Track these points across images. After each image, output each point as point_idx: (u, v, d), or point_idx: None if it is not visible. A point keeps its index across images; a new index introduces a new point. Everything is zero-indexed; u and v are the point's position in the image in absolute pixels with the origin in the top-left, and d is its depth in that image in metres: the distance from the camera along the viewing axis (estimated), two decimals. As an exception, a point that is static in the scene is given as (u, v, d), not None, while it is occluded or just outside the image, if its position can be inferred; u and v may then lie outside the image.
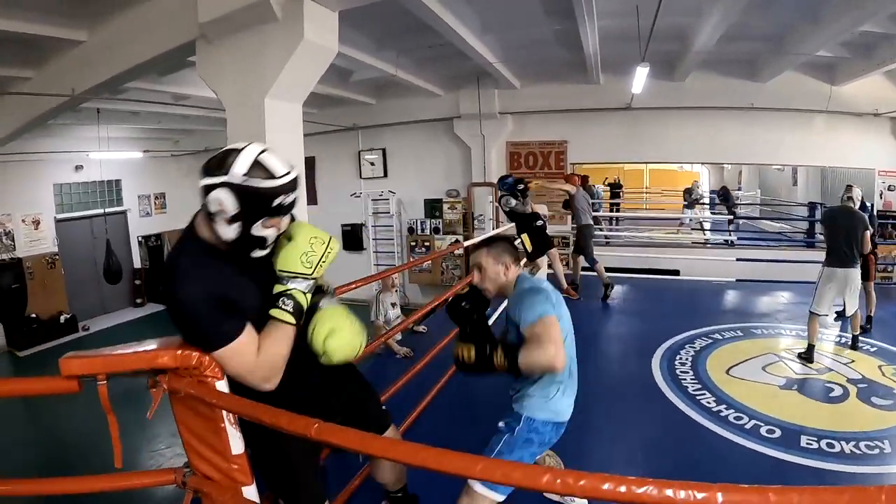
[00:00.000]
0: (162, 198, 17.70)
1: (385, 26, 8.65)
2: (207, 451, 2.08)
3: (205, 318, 1.93)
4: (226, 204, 1.90)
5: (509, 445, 2.83)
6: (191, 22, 5.46)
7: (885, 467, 4.29)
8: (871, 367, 6.23)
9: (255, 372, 2.00)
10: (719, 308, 9.38)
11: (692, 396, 5.51)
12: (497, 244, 3.08)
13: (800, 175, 19.94)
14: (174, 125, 14.42)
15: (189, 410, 2.06)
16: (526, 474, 1.31)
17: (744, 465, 4.34)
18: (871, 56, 9.48)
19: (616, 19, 8.09)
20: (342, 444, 1.59)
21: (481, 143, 13.51)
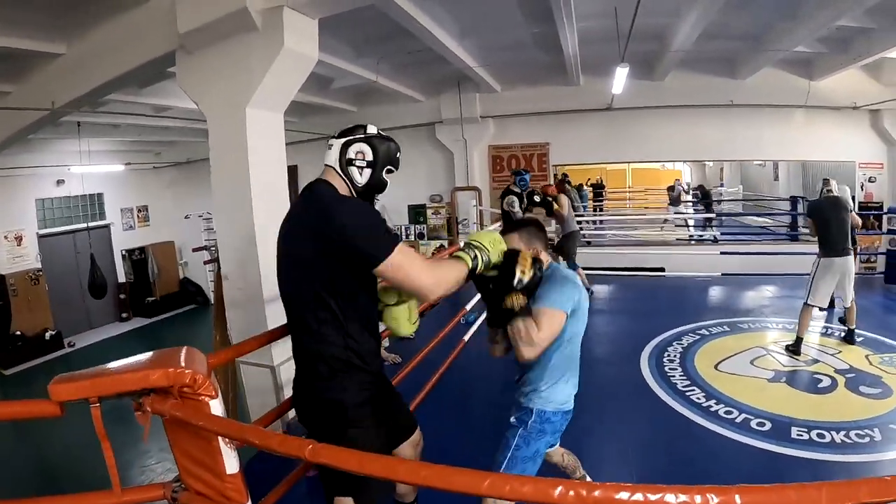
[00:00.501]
0: (145, 210, 17.61)
1: (364, 33, 8.62)
2: (201, 471, 2.03)
3: (381, 227, 2.37)
4: (364, 152, 2.51)
5: (525, 439, 2.86)
6: (170, 32, 5.43)
7: (876, 455, 4.33)
8: (859, 357, 6.28)
9: (426, 272, 2.35)
10: (706, 304, 9.44)
11: (682, 393, 5.55)
12: (528, 228, 3.02)
13: (781, 170, 20.08)
14: (155, 137, 14.28)
15: (182, 430, 2.01)
16: (537, 489, 1.28)
17: (736, 460, 4.37)
18: (848, 50, 9.54)
19: (595, 21, 8.11)
20: (338, 464, 1.55)
21: (463, 147, 13.53)
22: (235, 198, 5.28)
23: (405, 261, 2.30)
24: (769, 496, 1.16)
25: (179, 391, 1.89)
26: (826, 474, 4.08)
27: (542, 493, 1.27)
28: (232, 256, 5.52)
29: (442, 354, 6.05)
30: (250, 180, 5.18)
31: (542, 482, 1.28)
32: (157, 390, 1.90)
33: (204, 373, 1.94)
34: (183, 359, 1.94)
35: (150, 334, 15.80)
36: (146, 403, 1.90)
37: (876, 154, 12.07)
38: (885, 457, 4.32)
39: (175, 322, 17.10)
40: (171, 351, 2.00)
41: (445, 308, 7.90)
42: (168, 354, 1.97)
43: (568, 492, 1.23)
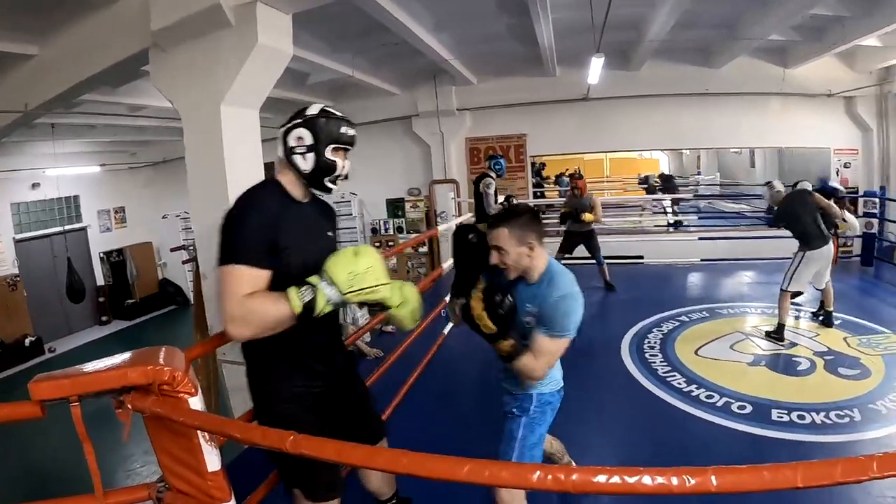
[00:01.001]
0: (122, 212, 17.44)
1: (339, 27, 8.59)
2: (183, 470, 2.02)
3: (243, 235, 2.21)
4: (303, 136, 2.39)
5: (529, 427, 2.82)
6: (143, 30, 5.36)
7: (856, 435, 4.38)
8: (837, 339, 6.36)
9: (236, 308, 2.16)
10: (685, 290, 9.52)
11: (663, 378, 5.59)
12: (518, 220, 2.70)
13: (757, 157, 20.30)
14: (131, 137, 14.16)
15: (163, 429, 2.00)
16: (516, 473, 1.28)
17: (718, 443, 4.41)
18: (822, 38, 9.64)
19: (570, 11, 8.13)
20: (318, 455, 1.53)
21: (440, 140, 13.53)
22: (212, 196, 5.21)
23: (225, 282, 2.19)
24: (744, 477, 1.17)
25: (159, 388, 1.87)
26: (807, 455, 4.12)
27: (521, 477, 1.27)
28: (210, 255, 5.44)
29: (423, 347, 6.06)
30: (227, 178, 5.14)
31: (520, 467, 1.29)
32: (137, 388, 1.88)
33: (182, 370, 1.92)
34: (162, 357, 1.93)
35: (131, 337, 15.66)
36: (126, 401, 1.88)
37: (850, 140, 12.25)
38: (864, 436, 4.36)
39: (155, 324, 16.96)
40: (151, 350, 1.99)
41: (425, 301, 7.90)
42: (147, 353, 1.96)
43: (546, 476, 1.23)
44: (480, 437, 3.10)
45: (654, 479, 1.18)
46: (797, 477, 1.15)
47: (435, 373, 5.88)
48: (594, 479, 1.21)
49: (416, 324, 2.65)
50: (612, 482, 1.20)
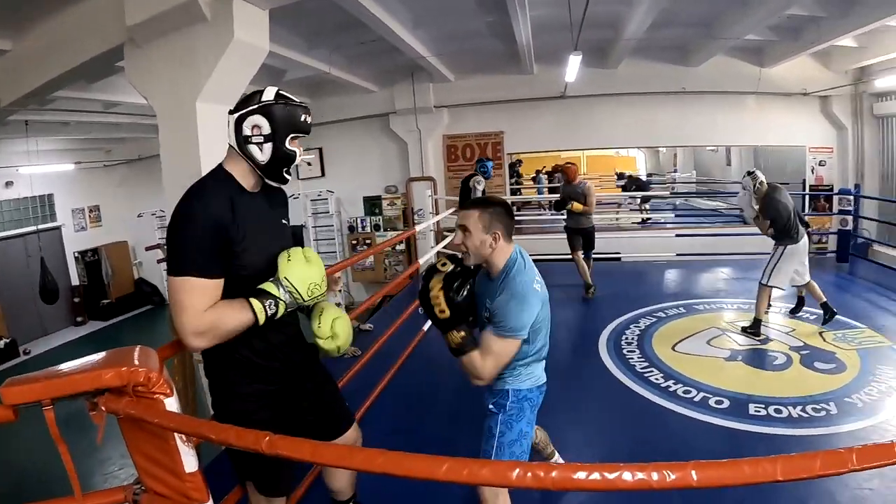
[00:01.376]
0: (96, 210, 17.17)
1: (316, 24, 8.54)
2: (160, 472, 1.98)
3: (195, 242, 2.09)
4: (260, 125, 2.19)
5: (506, 423, 2.79)
6: (118, 25, 5.28)
7: (833, 428, 4.45)
8: (812, 334, 6.45)
9: (195, 323, 2.08)
10: (662, 287, 9.59)
11: (640, 374, 5.63)
12: (493, 209, 2.74)
13: (733, 155, 20.51)
14: (105, 134, 14.02)
15: (138, 430, 1.95)
16: (495, 471, 1.27)
17: (696, 437, 4.46)
18: (799, 38, 9.73)
19: (548, 9, 8.14)
20: (294, 455, 1.51)
21: (417, 137, 13.50)
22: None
23: (180, 296, 2.08)
24: (724, 471, 1.18)
25: (134, 390, 1.83)
26: (784, 448, 4.12)
27: (500, 475, 1.26)
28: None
29: (402, 344, 6.05)
30: (202, 175, 5.05)
31: (500, 465, 1.28)
32: (111, 390, 1.84)
33: (157, 370, 1.88)
34: (136, 357, 1.89)
35: (107, 337, 15.48)
36: (100, 403, 1.84)
37: (826, 139, 12.38)
38: (841, 429, 4.43)
39: (132, 324, 16.77)
40: (125, 350, 1.94)
41: (402, 299, 7.89)
42: (121, 353, 1.91)
43: (526, 473, 1.22)
44: (462, 434, 3.09)
45: (634, 475, 1.17)
46: (777, 470, 1.15)
47: (414, 369, 5.88)
48: (574, 476, 1.20)
49: (340, 354, 2.57)
50: (592, 478, 1.19)
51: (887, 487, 3.54)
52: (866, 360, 5.66)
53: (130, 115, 11.08)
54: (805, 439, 4.28)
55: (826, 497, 3.48)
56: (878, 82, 10.92)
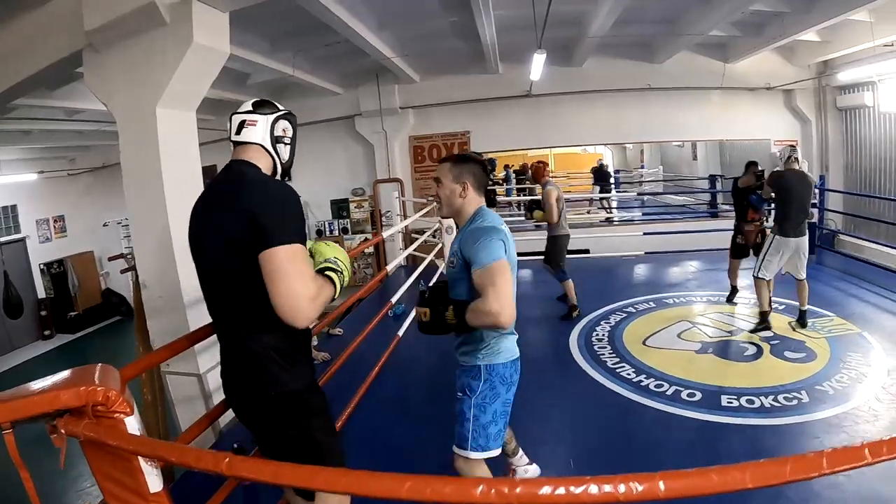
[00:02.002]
0: (61, 220, 16.86)
1: (280, 26, 8.49)
2: (125, 493, 1.93)
3: (298, 218, 2.24)
4: (288, 129, 2.47)
5: (480, 407, 2.79)
6: (77, 31, 5.16)
7: (805, 416, 4.49)
8: (782, 324, 6.51)
9: (312, 283, 2.14)
10: (631, 282, 9.62)
11: (612, 370, 5.65)
12: (465, 163, 2.89)
13: (699, 150, 20.74)
14: (69, 142, 13.81)
15: (100, 452, 1.90)
16: (458, 489, 1.23)
17: (670, 430, 4.46)
18: (762, 33, 9.91)
19: (512, 9, 8.15)
20: (254, 477, 1.48)
21: (384, 139, 13.45)
22: (149, 202, 5.08)
23: (295, 260, 2.10)
24: (693, 481, 1.16)
25: (93, 410, 1.79)
26: (758, 438, 4.21)
27: (463, 493, 1.23)
28: (149, 263, 5.32)
29: (374, 349, 6.00)
30: (164, 183, 4.98)
31: (463, 482, 1.24)
32: (71, 411, 1.79)
33: (117, 389, 1.84)
34: (96, 376, 1.85)
35: (75, 351, 15.22)
36: (60, 425, 1.79)
37: (790, 131, 12.62)
38: (813, 417, 4.48)
39: (100, 335, 16.52)
40: (85, 369, 1.91)
41: (371, 302, 7.84)
42: (81, 373, 1.88)
43: (490, 490, 1.19)
44: (438, 442, 3.06)
45: (600, 488, 1.15)
46: (746, 478, 1.14)
47: (390, 376, 5.83)
48: (539, 492, 1.17)
49: None
50: (558, 493, 1.17)
51: (861, 474, 3.55)
52: (836, 348, 5.75)
53: (94, 123, 10.92)
54: (778, 428, 4.32)
55: (801, 485, 3.49)
56: (841, 75, 11.13)
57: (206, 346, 4.17)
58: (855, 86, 11.26)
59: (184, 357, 4.76)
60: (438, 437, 4.20)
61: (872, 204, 11.13)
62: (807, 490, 3.47)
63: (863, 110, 11.32)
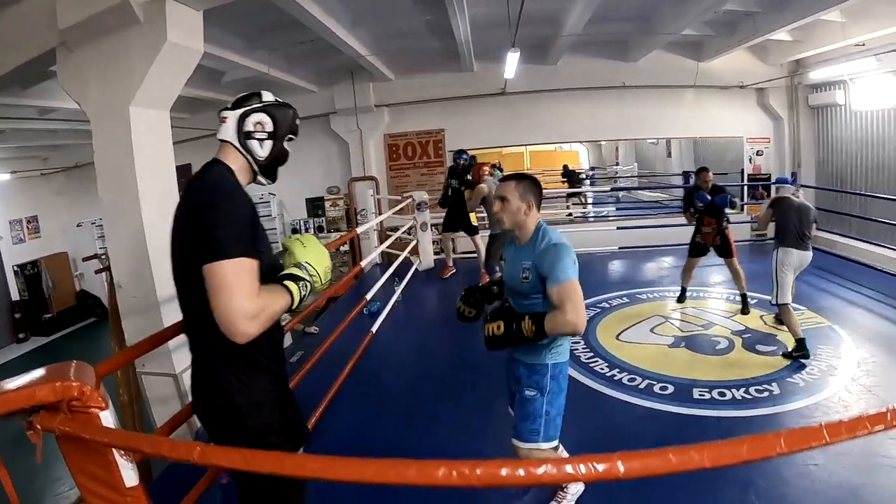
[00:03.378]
0: (35, 221, 16.67)
1: (254, 24, 8.44)
2: (100, 488, 1.95)
3: (236, 224, 2.06)
4: (265, 122, 2.34)
5: (550, 403, 3.10)
6: (50, 29, 5.12)
7: (776, 408, 4.60)
8: (753, 318, 6.68)
9: (250, 301, 2.00)
10: (605, 278, 9.68)
11: (585, 365, 5.72)
12: (526, 181, 3.11)
13: (674, 147, 20.91)
14: (42, 141, 13.65)
15: (76, 448, 1.92)
16: (420, 471, 1.26)
17: (643, 423, 4.56)
18: (735, 33, 10.01)
19: (486, 7, 8.16)
20: (225, 464, 1.50)
21: (359, 137, 13.40)
22: (123, 202, 5.06)
23: (232, 277, 1.98)
24: (650, 461, 1.19)
25: (68, 405, 1.81)
26: (729, 429, 4.32)
27: (426, 475, 1.25)
28: (124, 263, 5.29)
29: (349, 346, 6.00)
30: (137, 183, 4.96)
31: (426, 465, 1.26)
32: (47, 407, 1.81)
33: (92, 385, 1.86)
34: (72, 373, 1.86)
35: (50, 353, 14.92)
36: (36, 421, 1.80)
37: (763, 129, 12.78)
38: (784, 408, 4.59)
39: (76, 337, 16.34)
40: (61, 366, 1.92)
41: (348, 300, 7.84)
42: (56, 369, 1.89)
43: (451, 472, 1.22)
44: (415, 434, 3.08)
45: (559, 469, 1.18)
46: (704, 458, 1.16)
47: (365, 371, 5.84)
48: (501, 472, 1.20)
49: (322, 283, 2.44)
50: (518, 474, 1.19)
51: (832, 462, 3.65)
52: (807, 341, 5.78)
53: (67, 122, 10.79)
54: (750, 420, 4.42)
55: (773, 474, 3.58)
56: (813, 74, 11.28)
57: (180, 345, 4.14)
58: (827, 84, 11.38)
59: (159, 357, 4.77)
60: (414, 433, 4.23)
61: (844, 200, 11.26)
62: (776, 478, 3.55)
63: (834, 108, 11.44)
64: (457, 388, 5.30)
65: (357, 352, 6.02)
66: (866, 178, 10.79)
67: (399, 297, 8.18)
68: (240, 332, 1.98)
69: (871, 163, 10.62)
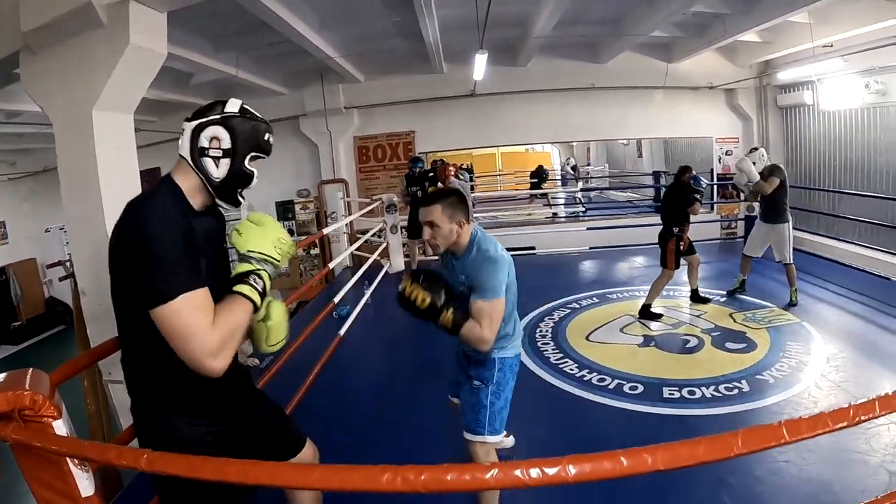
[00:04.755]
0: (2, 227, 16.49)
1: (222, 26, 8.38)
2: (57, 498, 1.94)
3: (171, 259, 1.82)
4: (221, 138, 2.01)
5: (496, 393, 3.11)
6: (13, 32, 5.05)
7: (745, 405, 4.63)
8: (723, 316, 6.73)
9: (207, 338, 1.82)
10: (575, 278, 9.74)
11: (555, 365, 5.72)
12: (450, 200, 2.95)
13: (644, 147, 21.12)
14: (9, 145, 13.55)
15: (31, 457, 1.91)
16: (366, 476, 1.25)
17: (612, 424, 4.56)
18: (704, 34, 10.14)
19: (455, 8, 8.17)
20: (171, 471, 1.49)
21: (328, 139, 13.36)
22: (86, 207, 4.97)
23: (182, 321, 1.81)
24: (601, 464, 1.18)
25: (20, 415, 1.80)
26: (698, 427, 4.33)
27: (371, 480, 1.25)
28: (88, 270, 5.20)
29: (316, 351, 5.96)
30: (100, 187, 4.90)
31: (371, 470, 1.25)
32: (0, 416, 1.80)
33: (45, 393, 1.84)
34: (26, 381, 1.85)
35: (19, 362, 14.63)
36: (-11, 431, 1.80)
37: (732, 129, 12.96)
38: (754, 406, 4.62)
39: (45, 346, 16.06)
40: (16, 374, 1.91)
41: (318, 304, 7.79)
42: (12, 378, 1.88)
43: (396, 478, 1.22)
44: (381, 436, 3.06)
45: (507, 474, 1.17)
46: (657, 460, 1.15)
47: (333, 374, 5.82)
48: (447, 477, 1.20)
49: (274, 348, 2.32)
50: (464, 479, 1.19)
51: (802, 458, 3.68)
52: (776, 338, 5.93)
53: (34, 125, 10.68)
54: (719, 417, 4.43)
55: (743, 472, 3.60)
56: (781, 75, 11.44)
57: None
58: (795, 85, 11.54)
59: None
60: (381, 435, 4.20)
61: (812, 198, 11.42)
62: (748, 476, 3.56)
63: (803, 108, 11.60)
64: (422, 389, 5.27)
65: (325, 355, 5.99)
66: (834, 177, 10.95)
67: (368, 299, 8.17)
68: (212, 371, 1.86)
69: (838, 161, 10.78)
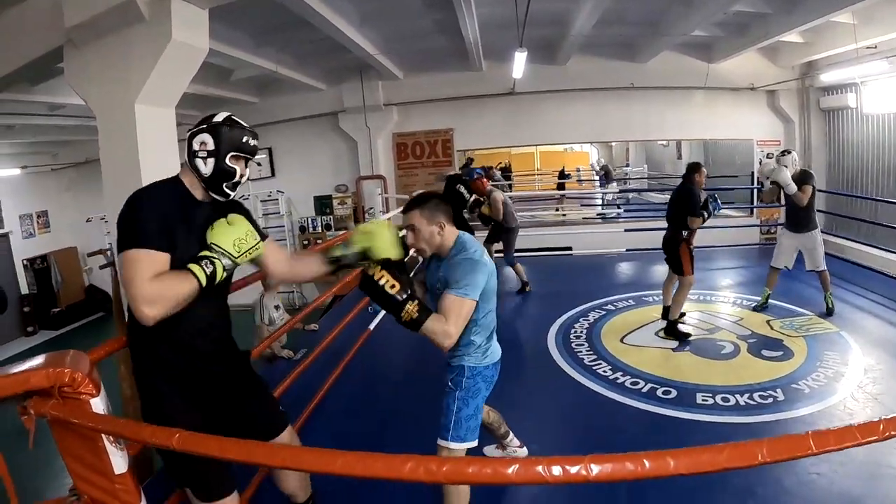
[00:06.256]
0: (45, 216, 16.77)
1: (263, 22, 8.48)
2: (91, 474, 2.03)
3: (141, 221, 2.25)
4: (206, 142, 2.41)
5: (463, 400, 2.98)
6: (58, 27, 5.19)
7: (780, 414, 4.52)
8: (760, 323, 6.58)
9: (145, 289, 2.16)
10: (611, 280, 9.65)
11: (589, 367, 5.66)
12: (430, 203, 2.97)
13: (684, 149, 20.80)
14: (52, 137, 13.74)
15: (67, 433, 1.99)
16: (388, 465, 1.27)
17: (643, 428, 4.51)
18: (745, 34, 9.99)
19: (494, 7, 8.17)
20: (201, 451, 1.55)
21: (367, 135, 13.43)
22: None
23: (129, 267, 2.20)
24: (623, 465, 1.18)
25: (60, 391, 1.88)
26: (730, 436, 4.18)
27: (393, 469, 1.27)
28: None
29: (349, 343, 6.01)
30: (142, 179, 4.95)
31: (395, 459, 1.28)
32: (40, 393, 1.88)
33: (84, 371, 1.93)
34: (67, 360, 1.95)
35: (58, 347, 14.31)
36: (29, 406, 1.89)
37: (773, 132, 12.71)
38: (788, 415, 4.50)
39: (83, 332, 16.30)
40: (57, 354, 2.00)
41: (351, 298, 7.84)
42: (53, 357, 1.97)
43: (419, 467, 1.24)
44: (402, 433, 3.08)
45: (529, 470, 1.18)
46: (679, 464, 1.15)
47: (359, 369, 5.86)
48: (468, 470, 1.22)
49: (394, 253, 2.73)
50: (485, 472, 1.20)
51: (833, 471, 3.59)
52: (814, 347, 5.78)
53: (76, 118, 10.87)
54: (752, 426, 4.34)
55: (773, 482, 3.53)
56: (824, 76, 11.19)
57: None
58: (838, 87, 11.30)
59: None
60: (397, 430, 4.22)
61: (854, 204, 11.19)
62: (777, 486, 3.51)
63: (846, 111, 11.38)
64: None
65: (353, 348, 6.04)
66: (877, 182, 10.74)
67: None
68: (143, 316, 2.16)
69: (882, 167, 10.57)
